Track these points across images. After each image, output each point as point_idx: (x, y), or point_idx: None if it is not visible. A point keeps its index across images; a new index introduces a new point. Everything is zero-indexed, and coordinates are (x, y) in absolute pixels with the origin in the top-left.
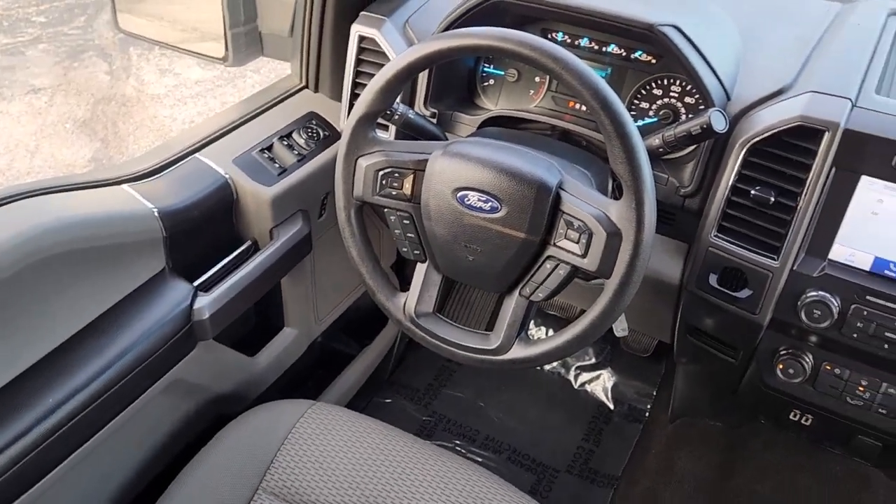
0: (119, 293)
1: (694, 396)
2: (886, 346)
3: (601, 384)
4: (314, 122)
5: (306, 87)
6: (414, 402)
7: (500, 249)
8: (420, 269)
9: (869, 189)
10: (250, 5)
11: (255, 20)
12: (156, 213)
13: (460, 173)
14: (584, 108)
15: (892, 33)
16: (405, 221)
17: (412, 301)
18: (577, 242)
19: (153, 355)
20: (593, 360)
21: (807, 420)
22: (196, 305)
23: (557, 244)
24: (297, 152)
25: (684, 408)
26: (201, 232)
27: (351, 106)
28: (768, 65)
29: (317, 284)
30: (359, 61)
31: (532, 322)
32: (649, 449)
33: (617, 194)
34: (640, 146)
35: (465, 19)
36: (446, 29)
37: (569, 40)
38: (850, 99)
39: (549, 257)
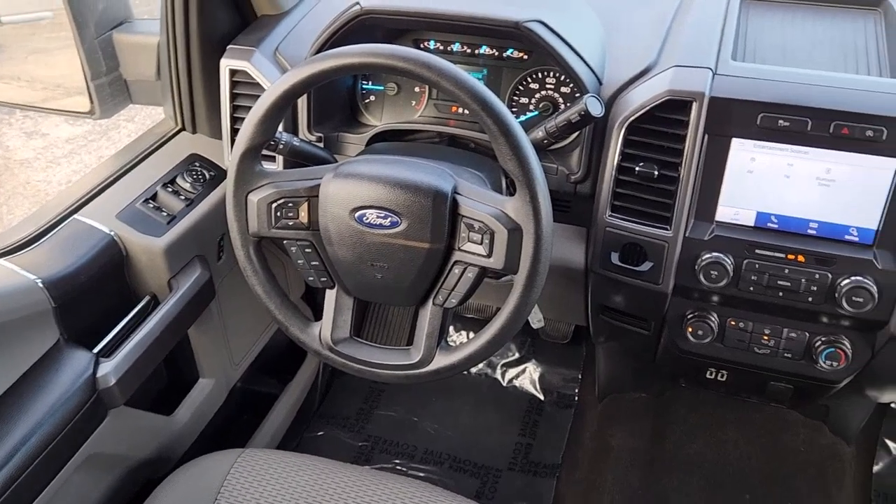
0: (14, 374)
1: (617, 373)
2: (781, 293)
3: (528, 377)
4: (197, 163)
5: (183, 129)
6: (346, 429)
7: (407, 263)
8: (330, 296)
9: (740, 150)
10: (110, 54)
11: (117, 68)
12: (40, 284)
13: (355, 193)
14: (466, 111)
15: (736, 4)
16: (307, 250)
17: (327, 329)
18: (481, 243)
19: (62, 433)
20: (517, 356)
21: (722, 376)
22: (100, 373)
23: (462, 248)
24: (184, 197)
25: (610, 385)
26: (93, 295)
27: (233, 142)
28: (631, 47)
29: (227, 329)
30: (234, 96)
31: (452, 328)
32: (583, 431)
33: (511, 191)
34: (525, 141)
35: (336, 39)
36: (318, 51)
37: (441, 47)
38: (710, 68)
39: (456, 262)
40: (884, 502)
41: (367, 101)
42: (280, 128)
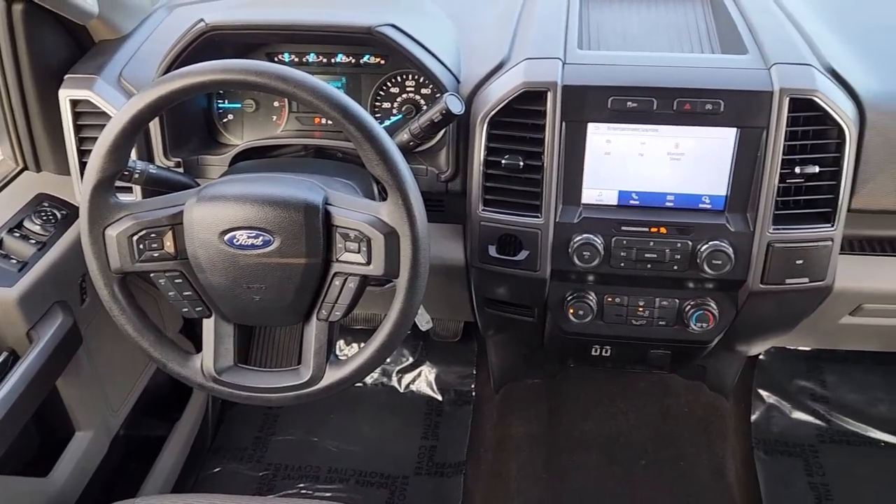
0: None
1: (509, 362)
2: (649, 265)
3: (424, 380)
4: (46, 203)
5: (25, 168)
6: (244, 461)
7: (285, 281)
8: (208, 325)
9: (596, 134)
10: None
11: None
12: None
13: (221, 215)
14: (330, 122)
15: None
16: (177, 281)
17: (209, 360)
18: (359, 252)
19: None
20: (411, 360)
21: (606, 351)
22: None
23: (340, 259)
24: (34, 241)
25: (504, 376)
26: None
27: (83, 177)
28: (484, 44)
29: (100, 375)
30: (78, 127)
31: (342, 342)
32: (484, 424)
33: (384, 196)
34: (390, 145)
35: (183, 59)
36: (166, 72)
37: (296, 59)
38: (559, 59)
39: (335, 274)
40: (763, 447)
41: (225, 120)
42: (133, 156)
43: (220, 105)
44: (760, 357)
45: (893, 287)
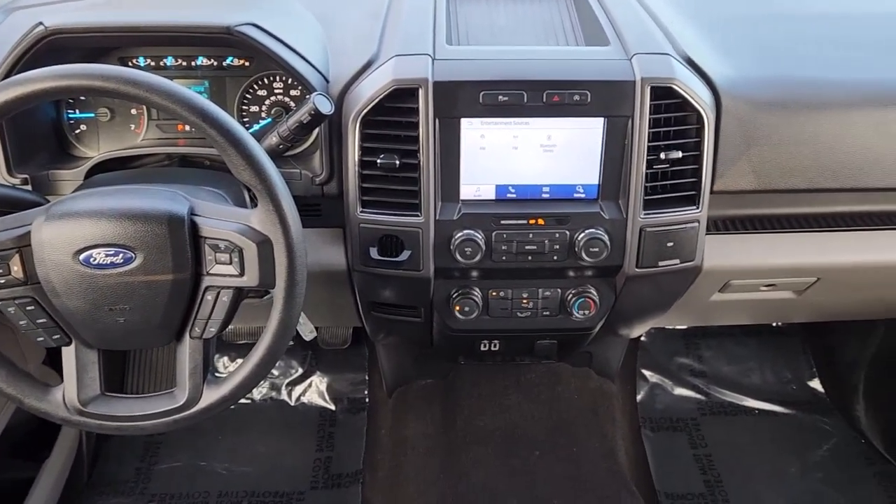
0: None
1: (400, 365)
2: (530, 257)
3: (316, 390)
4: None
5: None
6: (125, 494)
7: (152, 300)
8: (69, 354)
9: (470, 129)
10: None
11: None
12: None
13: (75, 234)
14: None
15: None
16: (29, 308)
17: (71, 391)
18: (231, 263)
19: None
20: (300, 371)
21: (495, 345)
22: None
23: (211, 272)
24: None
25: (396, 379)
26: None
27: None
28: (352, 41)
29: None
30: None
31: (226, 358)
32: (379, 430)
33: (255, 203)
34: (256, 149)
35: (22, 66)
36: (2, 80)
37: (152, 63)
38: (429, 55)
39: (207, 288)
40: (650, 425)
41: (77, 131)
42: None
43: (70, 115)
44: (642, 339)
45: (756, 262)
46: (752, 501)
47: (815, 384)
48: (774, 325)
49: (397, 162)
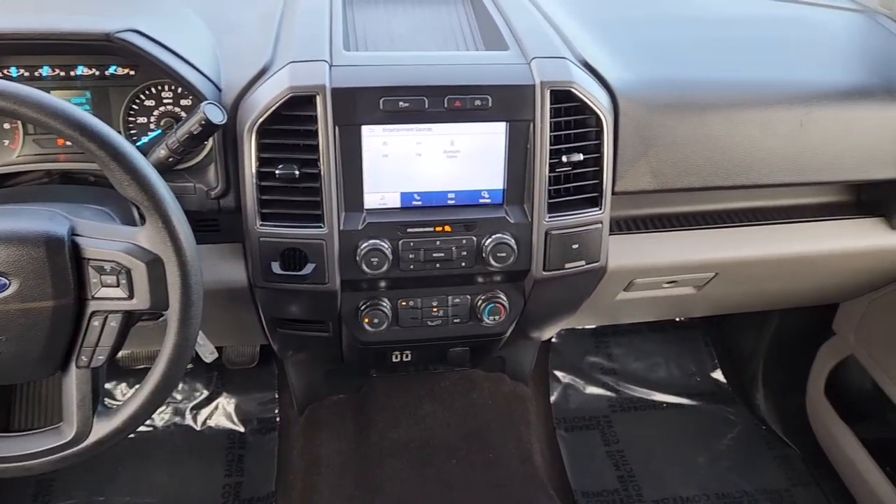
0: None
1: (311, 381)
2: (438, 265)
3: (223, 412)
4: None
5: None
6: None
7: (31, 329)
8: None
9: (372, 136)
10: None
11: None
12: None
13: None
14: None
15: None
16: None
17: None
18: (118, 286)
19: None
20: (206, 393)
21: (407, 356)
22: None
23: (97, 296)
24: None
25: (307, 396)
26: None
27: None
28: (245, 47)
29: None
30: None
31: (124, 385)
32: (291, 450)
33: (144, 220)
34: (142, 163)
35: None
36: None
37: (26, 73)
38: (326, 61)
39: (93, 314)
40: (564, 425)
41: None
42: None
43: None
44: (553, 340)
45: (658, 261)
46: (663, 493)
47: (718, 375)
48: (677, 319)
49: (297, 172)
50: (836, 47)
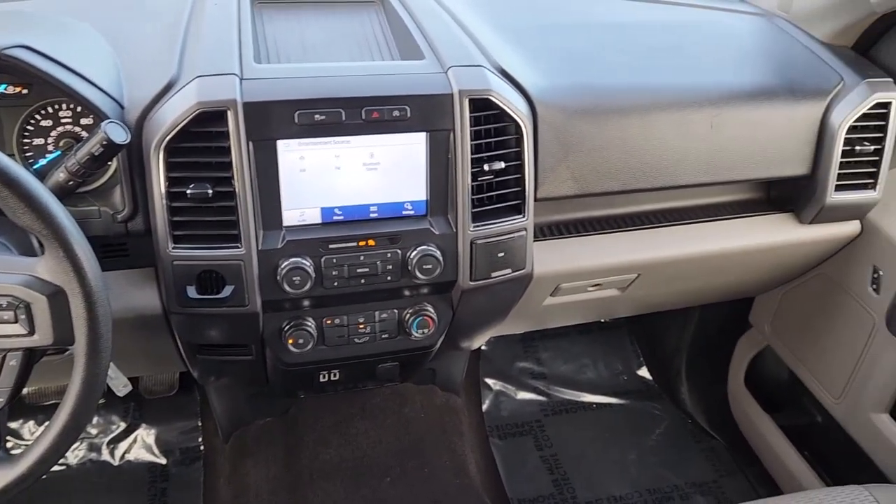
0: None
1: (236, 406)
2: (363, 280)
3: (142, 444)
4: None
5: None
6: None
7: None
8: None
9: (287, 151)
10: None
11: None
12: None
13: None
14: None
15: (247, 8)
16: None
17: None
18: (17, 321)
19: None
20: (122, 426)
21: (335, 375)
22: None
23: None
24: None
25: (232, 422)
26: None
27: None
28: (149, 62)
29: None
30: None
31: (32, 423)
32: (217, 479)
33: (43, 250)
34: (36, 188)
35: None
36: None
37: None
38: (236, 74)
39: None
40: (497, 433)
41: None
42: None
43: None
44: (483, 348)
45: (582, 265)
46: (597, 494)
47: (644, 372)
48: (603, 320)
49: (210, 191)
50: (740, 50)
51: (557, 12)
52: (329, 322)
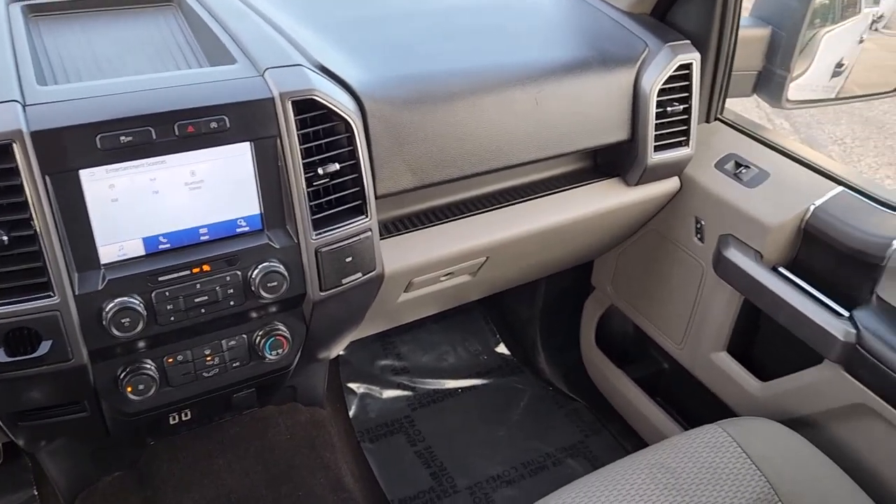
0: None
1: (75, 467)
2: (203, 310)
3: None
4: None
5: None
6: None
7: None
8: None
9: (93, 181)
10: None
11: None
12: None
13: None
14: None
15: (19, 20)
16: None
17: None
18: None
19: None
20: None
21: (186, 415)
22: None
23: None
24: None
25: (74, 484)
26: None
27: None
28: None
29: None
30: None
31: None
32: None
33: None
34: None
35: None
36: None
37: None
38: (17, 101)
39: None
40: (368, 437)
41: None
42: None
43: None
44: (342, 354)
45: (431, 257)
46: (475, 478)
47: (502, 349)
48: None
49: (5, 238)
50: (553, 26)
51: (373, 4)
52: (171, 361)
